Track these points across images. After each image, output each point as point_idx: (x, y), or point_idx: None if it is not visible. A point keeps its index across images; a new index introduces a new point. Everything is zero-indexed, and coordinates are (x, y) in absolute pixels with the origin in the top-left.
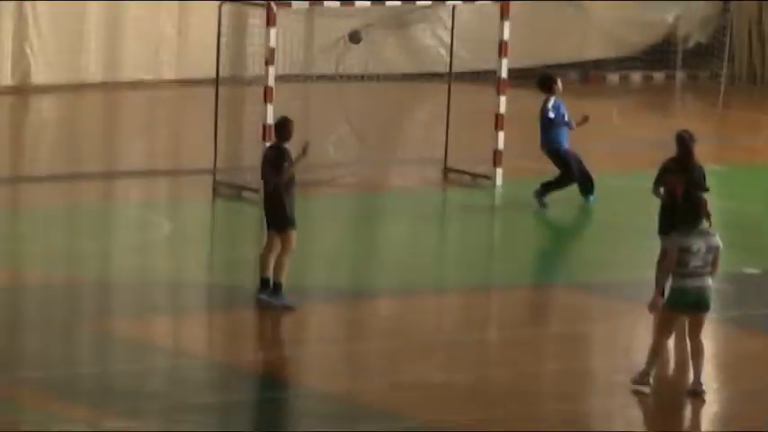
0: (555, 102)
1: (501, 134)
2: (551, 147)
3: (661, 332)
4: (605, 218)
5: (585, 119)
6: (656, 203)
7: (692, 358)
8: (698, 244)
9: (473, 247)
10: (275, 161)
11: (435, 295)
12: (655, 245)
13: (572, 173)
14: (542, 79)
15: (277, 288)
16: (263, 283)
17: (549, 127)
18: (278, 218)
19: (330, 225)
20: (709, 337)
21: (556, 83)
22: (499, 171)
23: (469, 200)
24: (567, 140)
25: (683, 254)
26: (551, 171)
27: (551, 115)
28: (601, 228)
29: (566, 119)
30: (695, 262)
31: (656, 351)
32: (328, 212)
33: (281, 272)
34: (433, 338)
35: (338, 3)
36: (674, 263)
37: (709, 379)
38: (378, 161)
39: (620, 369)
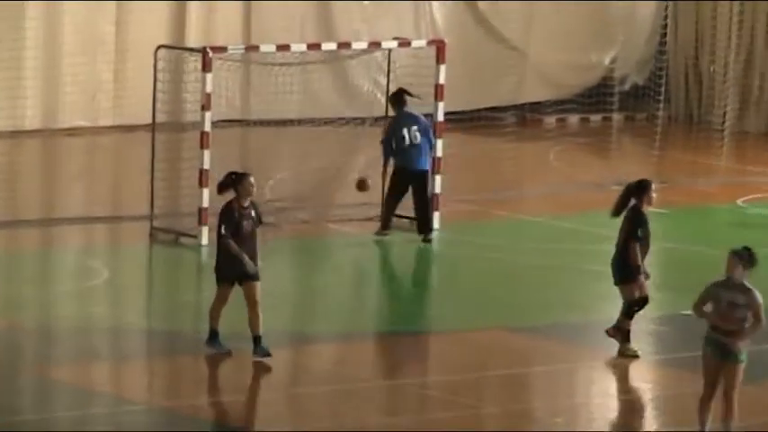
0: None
1: (438, 178)
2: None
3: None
4: (545, 261)
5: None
6: (592, 247)
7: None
8: None
9: (413, 291)
10: (218, 219)
11: (377, 339)
12: (595, 287)
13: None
14: (398, 94)
15: (212, 336)
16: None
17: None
18: (215, 270)
19: (269, 270)
20: (646, 379)
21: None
22: (437, 215)
23: (408, 243)
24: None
25: None
26: (491, 214)
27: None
28: (541, 271)
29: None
30: None
31: None
32: (268, 257)
33: (211, 320)
34: (376, 382)
35: (273, 48)
36: None
37: (648, 421)
38: (316, 206)
39: (559, 411)
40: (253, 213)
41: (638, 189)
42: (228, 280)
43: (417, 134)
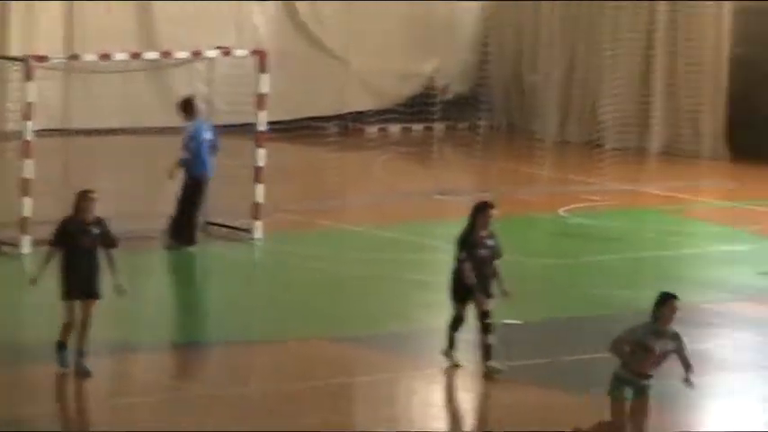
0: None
1: (260, 187)
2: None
3: None
4: (367, 270)
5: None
6: (413, 256)
7: None
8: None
9: (234, 301)
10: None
11: (196, 349)
12: (416, 297)
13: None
14: (186, 103)
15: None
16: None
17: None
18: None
19: None
20: (468, 389)
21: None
22: (259, 224)
23: (230, 254)
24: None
25: None
26: (313, 224)
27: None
28: (362, 280)
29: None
30: None
31: None
32: None
33: (62, 333)
34: (194, 392)
35: (95, 56)
36: None
37: (470, 430)
38: (136, 216)
39: (380, 420)
40: (96, 231)
41: (475, 211)
42: (70, 297)
43: (211, 139)
